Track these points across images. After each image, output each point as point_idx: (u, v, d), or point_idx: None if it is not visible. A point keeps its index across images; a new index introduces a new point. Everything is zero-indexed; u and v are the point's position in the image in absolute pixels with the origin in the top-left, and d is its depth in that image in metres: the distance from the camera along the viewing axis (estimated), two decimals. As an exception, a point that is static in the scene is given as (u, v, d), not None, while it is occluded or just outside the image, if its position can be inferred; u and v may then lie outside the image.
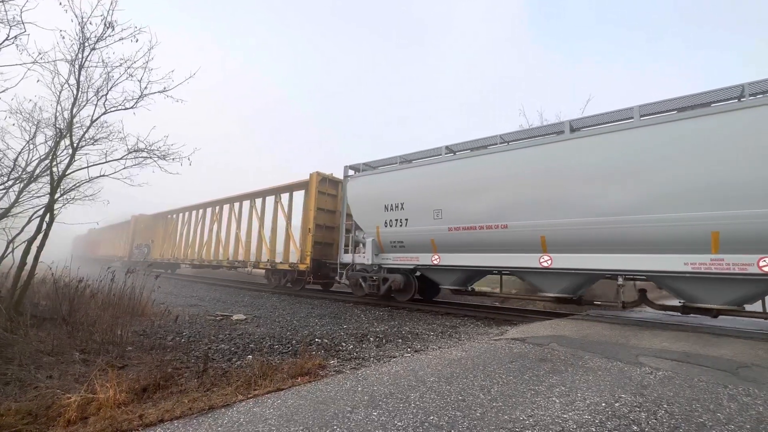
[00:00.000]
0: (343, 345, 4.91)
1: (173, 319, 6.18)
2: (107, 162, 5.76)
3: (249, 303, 9.62)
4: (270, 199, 13.94)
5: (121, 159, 5.80)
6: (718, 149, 5.34)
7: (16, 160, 6.05)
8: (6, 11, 4.29)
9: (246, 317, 7.13)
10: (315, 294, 11.71)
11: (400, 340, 5.33)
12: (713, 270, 5.34)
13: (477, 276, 8.50)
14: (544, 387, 2.96)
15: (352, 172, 10.51)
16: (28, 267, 5.23)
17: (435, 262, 8.38)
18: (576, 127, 6.90)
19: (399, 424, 2.29)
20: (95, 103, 5.46)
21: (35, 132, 6.09)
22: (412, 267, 8.98)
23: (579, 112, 17.84)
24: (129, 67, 5.34)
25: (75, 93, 5.30)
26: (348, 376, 3.36)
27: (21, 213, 6.16)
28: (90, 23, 4.96)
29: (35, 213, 5.64)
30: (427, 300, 10.04)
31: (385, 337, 5.45)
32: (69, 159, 5.47)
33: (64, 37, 4.93)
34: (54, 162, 5.45)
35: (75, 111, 5.37)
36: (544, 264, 6.84)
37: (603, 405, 2.58)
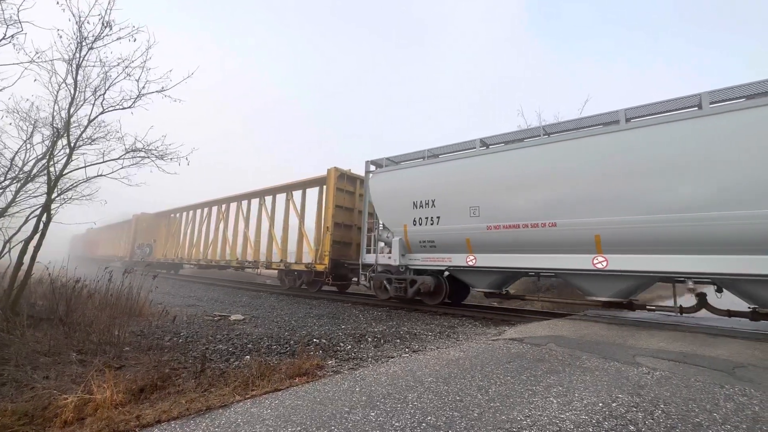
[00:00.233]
0: (341, 345, 4.91)
1: (171, 320, 6.17)
2: (105, 162, 5.77)
3: (247, 303, 9.60)
4: (281, 197, 13.47)
5: (119, 159, 5.80)
6: None
7: (13, 159, 6.04)
8: (3, 10, 4.28)
9: (244, 317, 7.11)
10: (314, 294, 11.69)
11: (398, 340, 5.34)
12: None
13: (513, 278, 8.02)
14: (541, 387, 2.96)
15: (373, 167, 9.93)
16: (24, 267, 5.22)
17: (470, 263, 7.82)
18: (631, 117, 6.40)
19: (397, 424, 2.29)
20: (93, 103, 5.46)
21: (32, 131, 6.09)
22: (443, 268, 8.41)
23: (577, 112, 17.94)
24: (127, 67, 5.34)
25: (72, 92, 5.29)
26: (346, 376, 3.36)
27: (18, 213, 6.16)
28: (87, 22, 4.97)
29: (32, 213, 5.64)
30: (456, 304, 9.29)
31: (383, 338, 5.45)
32: (66, 159, 5.47)
33: (61, 37, 4.93)
34: (51, 162, 5.44)
35: (72, 110, 5.37)
36: (598, 266, 6.30)
37: (600, 405, 2.59)
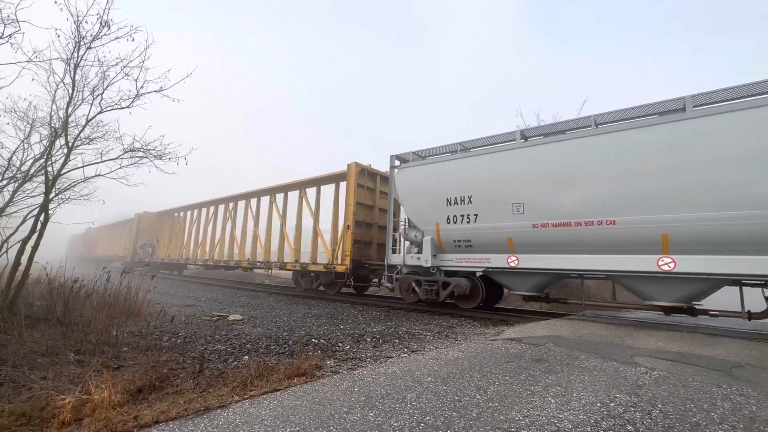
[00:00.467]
0: (340, 345, 4.90)
1: (169, 320, 6.16)
2: (103, 162, 5.74)
3: (246, 303, 9.58)
4: (293, 194, 13.00)
5: (117, 159, 5.78)
6: None
7: (10, 159, 6.04)
8: (0, 9, 4.27)
9: (242, 317, 7.10)
10: (313, 294, 11.68)
11: (396, 340, 5.34)
12: None
13: (557, 280, 7.53)
14: (540, 387, 2.97)
15: (398, 162, 9.37)
16: (22, 267, 5.20)
17: (512, 264, 7.26)
18: (699, 104, 5.92)
19: (395, 424, 2.29)
20: (91, 103, 5.44)
21: (30, 131, 6.09)
22: (481, 270, 7.84)
23: (576, 112, 18.02)
24: (125, 67, 5.32)
25: (70, 92, 5.28)
26: (345, 376, 3.36)
27: (15, 213, 6.15)
28: (86, 22, 4.94)
29: (30, 213, 5.63)
30: (489, 308, 8.50)
31: (382, 338, 5.45)
32: (64, 158, 5.45)
33: (59, 36, 4.91)
34: (49, 161, 5.42)
35: (70, 110, 5.35)
36: (664, 267, 5.75)
37: (598, 405, 2.60)
